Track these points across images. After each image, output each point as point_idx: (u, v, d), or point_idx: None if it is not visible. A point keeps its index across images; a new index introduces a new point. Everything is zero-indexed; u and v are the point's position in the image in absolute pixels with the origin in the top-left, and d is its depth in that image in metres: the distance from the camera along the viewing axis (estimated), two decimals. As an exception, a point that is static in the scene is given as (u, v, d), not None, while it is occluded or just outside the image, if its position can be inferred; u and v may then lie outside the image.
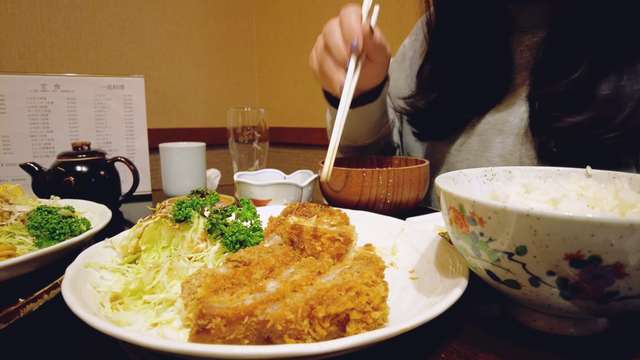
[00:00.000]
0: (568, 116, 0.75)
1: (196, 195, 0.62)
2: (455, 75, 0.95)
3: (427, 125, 1.03)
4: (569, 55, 0.77)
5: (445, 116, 0.98)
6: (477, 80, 0.93)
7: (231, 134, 1.18)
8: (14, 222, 0.68)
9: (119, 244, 0.57)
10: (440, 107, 0.98)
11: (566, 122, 0.75)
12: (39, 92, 1.19)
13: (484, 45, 0.91)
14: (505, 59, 0.91)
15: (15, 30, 2.07)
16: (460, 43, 0.94)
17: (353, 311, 0.35)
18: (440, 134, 1.02)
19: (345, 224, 0.59)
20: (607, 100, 0.73)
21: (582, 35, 0.75)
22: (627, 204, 0.43)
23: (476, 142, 0.95)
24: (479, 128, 0.94)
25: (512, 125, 0.89)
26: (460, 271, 0.46)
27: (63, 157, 1.02)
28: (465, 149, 0.97)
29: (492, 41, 0.91)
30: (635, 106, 0.71)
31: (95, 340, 0.44)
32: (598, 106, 0.73)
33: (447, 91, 0.96)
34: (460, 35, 0.93)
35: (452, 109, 0.97)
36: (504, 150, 0.90)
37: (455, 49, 0.95)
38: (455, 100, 0.96)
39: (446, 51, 0.97)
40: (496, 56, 0.91)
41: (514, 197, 0.47)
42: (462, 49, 0.93)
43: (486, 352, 0.40)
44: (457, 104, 0.96)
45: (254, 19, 2.93)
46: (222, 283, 0.42)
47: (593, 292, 0.36)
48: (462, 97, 0.95)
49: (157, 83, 2.53)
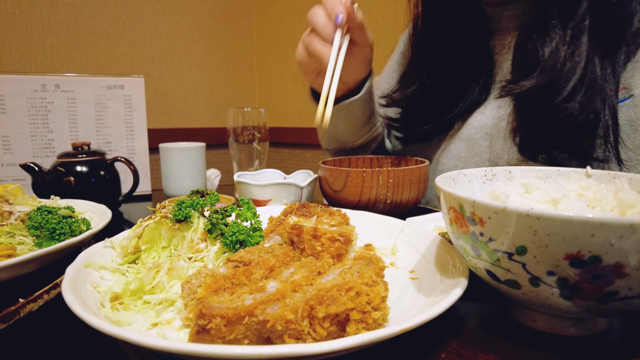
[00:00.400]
0: (523, 80, 0.80)
1: (196, 195, 0.62)
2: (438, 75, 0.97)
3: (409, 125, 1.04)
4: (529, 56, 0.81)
5: (426, 115, 1.00)
6: (459, 81, 0.95)
7: (231, 134, 1.18)
8: (14, 222, 0.68)
9: (119, 244, 0.57)
10: (421, 101, 0.99)
11: (521, 86, 0.79)
12: (39, 92, 1.19)
13: (466, 48, 0.94)
14: (488, 61, 0.93)
15: (15, 30, 2.07)
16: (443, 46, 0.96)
17: (353, 311, 0.35)
18: (423, 136, 1.03)
19: (345, 224, 0.59)
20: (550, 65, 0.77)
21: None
22: (627, 204, 0.43)
23: (464, 148, 0.96)
24: (466, 133, 0.95)
25: (500, 129, 0.89)
26: (460, 271, 0.46)
27: (63, 157, 1.02)
28: (453, 155, 0.97)
29: (474, 44, 0.94)
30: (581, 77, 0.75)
31: (95, 340, 0.44)
32: (545, 72, 0.77)
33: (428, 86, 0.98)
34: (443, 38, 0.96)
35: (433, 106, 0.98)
36: (492, 155, 0.91)
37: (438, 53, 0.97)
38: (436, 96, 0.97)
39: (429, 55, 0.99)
40: (478, 58, 0.94)
41: (514, 197, 0.47)
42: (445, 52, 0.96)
43: (486, 352, 0.40)
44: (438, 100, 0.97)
45: (254, 19, 2.93)
46: (222, 283, 0.42)
47: (593, 292, 0.36)
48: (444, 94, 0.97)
49: (157, 83, 2.53)
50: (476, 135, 0.93)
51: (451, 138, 0.98)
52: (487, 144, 0.91)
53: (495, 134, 0.90)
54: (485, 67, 0.94)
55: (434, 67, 0.98)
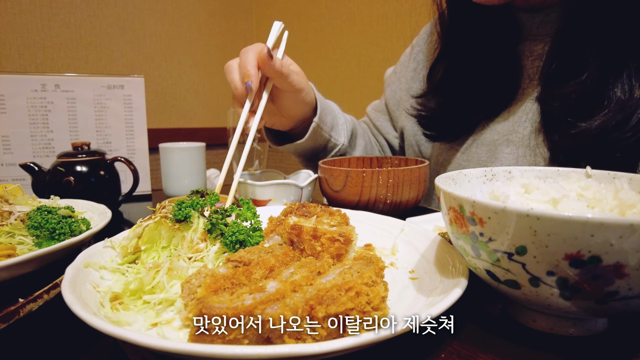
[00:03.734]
0: (581, 120, 0.73)
1: (196, 195, 0.62)
2: (466, 77, 0.94)
3: (438, 125, 1.02)
4: (576, 58, 0.75)
5: (455, 117, 0.97)
6: (486, 85, 0.91)
7: (231, 134, 1.18)
8: (14, 222, 0.68)
9: (119, 244, 0.57)
10: (451, 107, 0.96)
11: (580, 128, 0.73)
12: (39, 92, 1.19)
13: (493, 52, 0.90)
14: (515, 67, 0.90)
15: (15, 30, 2.07)
16: (471, 48, 0.93)
17: (353, 311, 0.35)
18: (451, 135, 1.00)
19: (345, 224, 0.59)
20: (619, 102, 0.71)
21: (589, 36, 0.73)
22: (627, 204, 0.43)
23: (484, 152, 0.93)
24: (488, 138, 0.93)
25: (522, 136, 0.87)
26: (460, 271, 0.46)
27: (63, 157, 1.02)
28: (474, 158, 0.95)
29: (502, 49, 0.90)
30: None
31: (95, 340, 0.44)
32: (612, 109, 0.71)
33: (457, 92, 0.95)
34: (472, 39, 0.92)
35: (461, 110, 0.95)
36: (513, 162, 0.88)
37: (467, 52, 0.94)
38: (465, 102, 0.94)
39: (458, 53, 0.95)
40: (506, 63, 0.90)
41: (513, 197, 0.47)
42: (473, 53, 0.93)
43: (486, 352, 0.40)
44: (467, 105, 0.94)
45: (254, 19, 2.93)
46: (222, 283, 0.42)
47: (593, 292, 0.36)
48: (472, 98, 0.93)
49: (157, 83, 2.53)
50: (498, 140, 0.91)
51: (473, 141, 0.96)
52: (509, 150, 0.89)
53: (518, 141, 0.87)
54: (512, 72, 0.90)
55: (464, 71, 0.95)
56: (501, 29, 0.90)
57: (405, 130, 1.14)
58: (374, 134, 1.26)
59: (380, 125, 1.24)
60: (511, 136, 0.89)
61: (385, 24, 2.12)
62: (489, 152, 0.92)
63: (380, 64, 1.29)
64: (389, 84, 1.22)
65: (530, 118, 0.86)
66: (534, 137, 0.85)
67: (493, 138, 0.92)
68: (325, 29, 2.49)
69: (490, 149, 0.92)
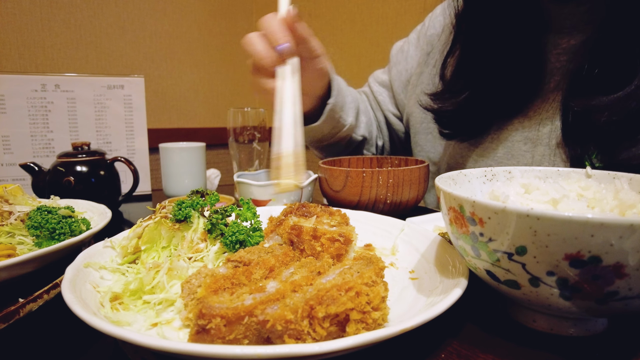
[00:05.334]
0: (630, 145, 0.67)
1: (196, 195, 0.62)
2: (487, 69, 0.87)
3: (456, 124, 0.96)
4: (616, 63, 0.68)
5: (474, 116, 0.91)
6: (506, 79, 0.85)
7: (231, 134, 1.18)
8: (14, 222, 0.68)
9: (119, 244, 0.57)
10: (469, 107, 0.91)
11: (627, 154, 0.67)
12: (39, 92, 1.19)
13: (515, 43, 0.83)
14: (538, 60, 0.83)
15: (15, 30, 2.07)
16: (490, 37, 0.85)
17: (353, 311, 0.35)
18: (468, 134, 0.95)
19: (345, 224, 0.59)
20: None
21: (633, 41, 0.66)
22: (627, 204, 0.43)
23: (501, 150, 0.89)
24: (506, 135, 0.88)
25: (542, 135, 0.82)
26: (460, 271, 0.46)
27: (63, 157, 1.02)
28: (490, 155, 0.91)
29: (525, 40, 0.83)
30: None
31: (95, 340, 0.44)
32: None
33: (477, 87, 0.89)
34: (490, 29, 0.85)
35: (480, 108, 0.90)
36: (531, 160, 0.84)
37: (484, 41, 0.86)
38: (485, 97, 0.88)
39: (474, 43, 0.89)
40: (528, 56, 0.83)
41: (513, 198, 0.47)
42: (492, 43, 0.85)
43: (486, 352, 0.40)
44: (487, 101, 0.88)
45: (254, 19, 2.93)
46: (222, 283, 0.42)
47: (593, 292, 0.36)
48: (491, 96, 0.88)
49: (157, 83, 2.53)
50: (515, 137, 0.86)
51: (491, 140, 0.91)
52: (526, 147, 0.85)
53: (537, 140, 0.83)
54: (535, 65, 0.83)
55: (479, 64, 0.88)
56: (526, 19, 0.82)
57: (412, 117, 1.10)
58: (374, 108, 1.22)
59: (381, 100, 1.20)
60: (530, 134, 0.84)
61: (385, 24, 2.12)
62: (506, 150, 0.88)
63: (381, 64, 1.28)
64: (395, 64, 1.17)
65: (554, 116, 0.81)
66: (557, 136, 0.80)
67: (511, 135, 0.87)
68: (325, 29, 2.49)
69: (508, 145, 0.88)
